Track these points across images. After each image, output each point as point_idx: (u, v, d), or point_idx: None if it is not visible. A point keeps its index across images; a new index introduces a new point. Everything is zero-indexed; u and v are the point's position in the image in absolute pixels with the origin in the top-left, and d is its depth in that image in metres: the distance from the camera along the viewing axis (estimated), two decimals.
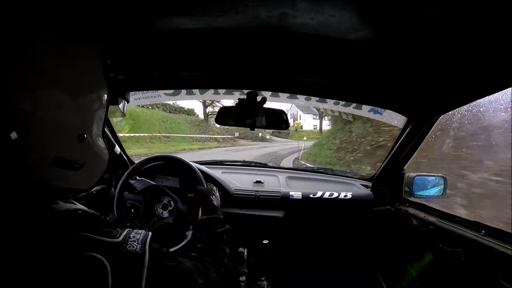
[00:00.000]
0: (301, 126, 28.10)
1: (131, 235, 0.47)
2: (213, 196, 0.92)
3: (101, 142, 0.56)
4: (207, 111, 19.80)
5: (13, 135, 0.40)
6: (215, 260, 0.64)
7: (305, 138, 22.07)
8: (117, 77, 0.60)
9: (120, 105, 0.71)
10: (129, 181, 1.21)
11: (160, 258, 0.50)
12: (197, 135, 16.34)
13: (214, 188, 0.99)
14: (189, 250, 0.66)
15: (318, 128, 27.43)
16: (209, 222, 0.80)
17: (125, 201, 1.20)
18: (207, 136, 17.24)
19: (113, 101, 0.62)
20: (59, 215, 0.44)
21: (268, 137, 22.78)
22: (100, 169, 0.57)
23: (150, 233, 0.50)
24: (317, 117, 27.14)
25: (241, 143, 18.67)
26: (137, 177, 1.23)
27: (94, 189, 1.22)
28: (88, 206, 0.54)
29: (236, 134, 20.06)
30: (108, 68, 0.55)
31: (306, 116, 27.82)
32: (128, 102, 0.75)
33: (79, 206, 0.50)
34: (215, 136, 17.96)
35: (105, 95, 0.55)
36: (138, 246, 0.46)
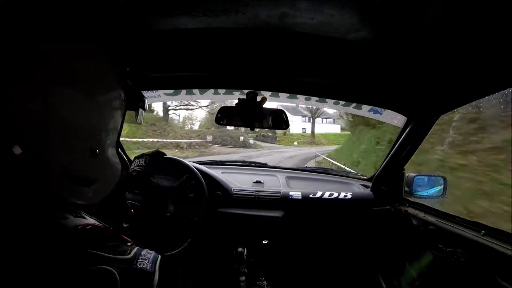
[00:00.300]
0: (289, 129, 26.09)
1: (142, 253, 0.47)
2: None
3: (115, 155, 0.54)
4: (167, 105, 14.99)
5: (16, 149, 0.37)
6: None
7: (295, 143, 19.82)
8: (135, 84, 0.57)
9: (138, 115, 0.68)
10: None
11: (170, 282, 0.49)
12: (148, 139, 11.27)
13: None
14: (188, 254, 0.64)
15: (308, 131, 25.46)
16: None
17: (125, 201, 1.20)
18: (164, 140, 12.31)
19: (131, 107, 0.60)
20: (68, 232, 0.42)
21: (251, 142, 18.16)
22: (112, 182, 0.55)
23: (160, 256, 0.50)
24: (307, 120, 25.79)
25: (215, 151, 13.85)
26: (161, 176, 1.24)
27: None
28: (99, 213, 0.53)
29: (209, 138, 14.99)
30: (126, 75, 0.53)
31: (294, 118, 24.37)
32: (145, 110, 0.72)
33: (89, 220, 0.48)
34: (176, 141, 13.00)
35: (121, 106, 0.52)
36: (149, 265, 0.45)
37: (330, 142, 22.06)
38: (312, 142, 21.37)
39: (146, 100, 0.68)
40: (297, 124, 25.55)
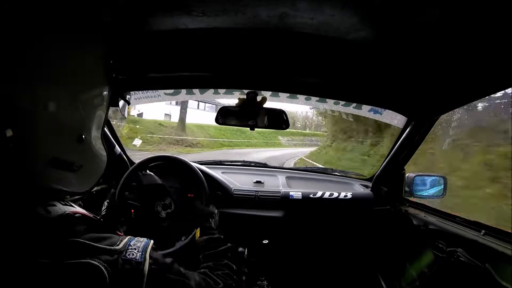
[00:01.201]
0: (141, 113, 14.15)
1: (132, 243, 0.46)
2: (212, 220, 0.93)
3: (100, 144, 0.55)
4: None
5: (8, 132, 0.38)
6: (225, 276, 0.62)
7: (137, 141, 9.54)
8: (118, 77, 0.59)
9: (121, 107, 0.70)
10: (138, 172, 1.21)
11: (162, 269, 0.47)
12: None
13: (215, 211, 1.00)
14: (186, 253, 0.65)
15: (174, 118, 14.81)
16: (208, 243, 0.78)
17: (125, 201, 1.20)
18: None
19: (114, 102, 0.61)
20: (55, 219, 0.43)
21: None
22: (98, 171, 0.56)
23: (151, 241, 0.49)
24: (175, 102, 13.19)
25: None
26: (144, 172, 1.23)
27: (94, 189, 1.22)
28: (87, 206, 0.53)
29: None
30: (110, 68, 0.54)
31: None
32: (129, 104, 0.73)
33: (78, 209, 0.48)
34: None
35: (106, 96, 0.54)
36: (138, 254, 0.44)
37: (210, 143, 13.71)
38: (181, 141, 12.30)
39: (129, 95, 0.69)
40: (155, 107, 14.25)
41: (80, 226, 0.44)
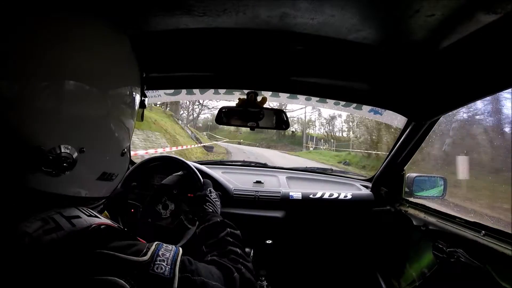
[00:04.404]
0: None
1: (160, 252, 0.43)
2: (208, 203, 0.90)
3: (128, 153, 0.58)
4: None
5: (75, 154, 0.41)
6: (232, 262, 0.60)
7: None
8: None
9: (141, 114, 0.73)
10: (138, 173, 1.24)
11: (188, 273, 0.44)
12: None
13: (207, 192, 0.96)
14: (186, 251, 0.64)
15: None
16: (205, 232, 0.75)
17: (125, 201, 1.20)
18: None
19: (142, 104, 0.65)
20: (80, 232, 0.40)
21: None
22: (122, 177, 0.59)
23: (180, 250, 0.46)
24: None
25: None
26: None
27: None
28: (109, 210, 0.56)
29: None
30: (144, 81, 0.57)
31: None
32: (145, 108, 0.76)
33: (103, 220, 0.46)
34: None
35: (137, 108, 0.57)
36: (167, 268, 0.41)
37: None
38: None
39: (147, 99, 0.70)
40: None
41: (106, 237, 0.42)
